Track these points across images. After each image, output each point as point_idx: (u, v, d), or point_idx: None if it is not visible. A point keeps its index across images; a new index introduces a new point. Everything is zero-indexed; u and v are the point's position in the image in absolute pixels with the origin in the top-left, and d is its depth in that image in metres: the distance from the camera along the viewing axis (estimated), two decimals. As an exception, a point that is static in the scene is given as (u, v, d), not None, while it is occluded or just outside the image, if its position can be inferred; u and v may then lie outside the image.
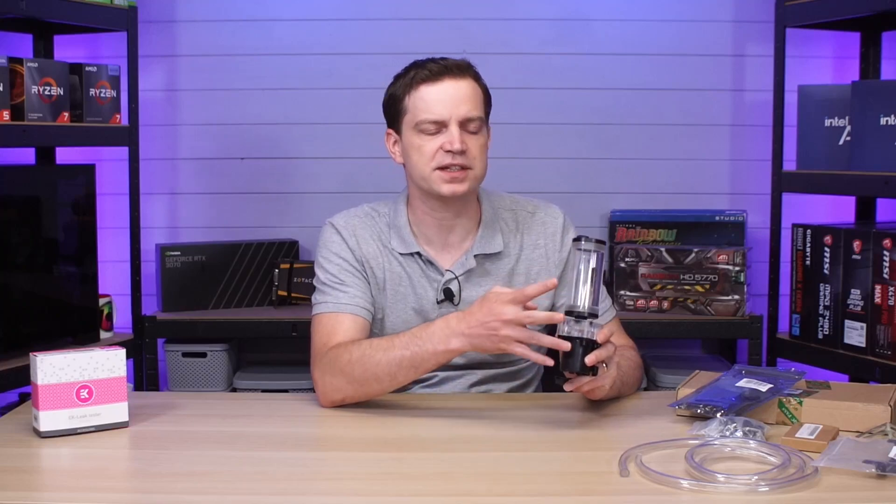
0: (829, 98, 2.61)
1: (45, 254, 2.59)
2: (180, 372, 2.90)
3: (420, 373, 1.69)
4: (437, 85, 1.76)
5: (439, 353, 1.64)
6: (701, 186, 3.08)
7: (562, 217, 1.92)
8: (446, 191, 1.77)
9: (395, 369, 1.67)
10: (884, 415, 1.54)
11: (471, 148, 1.76)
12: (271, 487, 1.35)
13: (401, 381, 1.69)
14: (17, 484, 1.36)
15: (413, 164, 1.80)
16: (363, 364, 1.68)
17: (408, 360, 1.66)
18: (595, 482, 1.38)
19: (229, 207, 3.11)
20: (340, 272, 1.83)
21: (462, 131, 1.76)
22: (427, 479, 1.39)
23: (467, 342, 1.61)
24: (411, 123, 1.79)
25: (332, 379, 1.71)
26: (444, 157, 1.76)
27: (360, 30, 3.04)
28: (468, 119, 1.76)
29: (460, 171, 1.76)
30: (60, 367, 1.53)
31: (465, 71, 1.79)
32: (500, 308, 1.56)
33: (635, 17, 3.04)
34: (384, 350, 1.68)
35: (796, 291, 2.67)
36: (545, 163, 3.06)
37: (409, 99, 1.79)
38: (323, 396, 1.73)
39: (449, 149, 1.75)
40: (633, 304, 2.83)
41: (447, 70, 1.77)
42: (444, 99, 1.76)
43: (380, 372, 1.67)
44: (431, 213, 1.84)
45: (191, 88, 3.07)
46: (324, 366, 1.73)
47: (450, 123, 1.75)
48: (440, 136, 1.76)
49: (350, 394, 1.71)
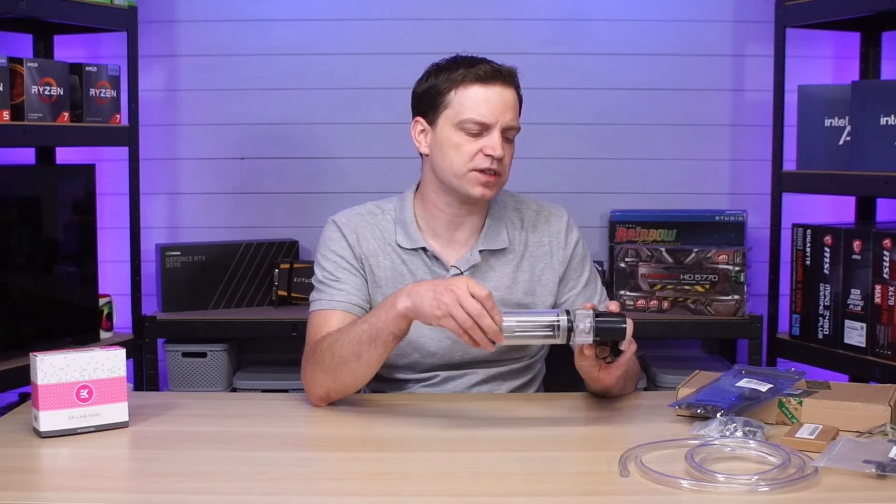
0: (829, 98, 2.61)
1: (45, 254, 2.59)
2: (180, 372, 2.90)
3: (381, 346, 1.65)
4: (488, 88, 1.76)
5: (390, 318, 1.62)
6: (701, 186, 3.08)
7: (566, 216, 1.93)
8: (478, 193, 1.77)
9: (356, 346, 1.66)
10: (884, 415, 1.54)
11: (505, 156, 1.78)
12: (271, 487, 1.35)
13: (367, 362, 1.66)
14: (17, 484, 1.36)
15: (447, 160, 1.79)
16: (332, 349, 1.69)
17: (366, 333, 1.65)
18: (595, 482, 1.38)
19: (229, 207, 3.11)
20: (337, 269, 1.83)
21: (502, 138, 1.77)
22: (427, 479, 1.39)
23: (410, 302, 1.59)
24: (453, 119, 1.77)
25: (311, 372, 1.72)
26: (483, 161, 1.76)
27: (360, 30, 3.04)
28: (510, 128, 1.78)
29: (494, 177, 1.77)
30: (60, 367, 1.53)
31: (513, 80, 1.80)
32: (461, 287, 1.54)
33: (635, 17, 3.04)
34: (347, 330, 1.69)
35: (796, 291, 2.67)
36: (545, 163, 3.06)
37: (455, 95, 1.77)
38: (308, 392, 1.74)
39: (490, 153, 1.75)
40: (633, 304, 2.83)
41: (499, 75, 1.78)
42: (492, 103, 1.76)
43: (346, 353, 1.67)
44: (445, 209, 1.84)
45: (191, 88, 3.07)
46: (306, 362, 1.74)
47: (494, 128, 1.76)
48: (482, 139, 1.76)
49: (329, 385, 1.70)
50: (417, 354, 1.83)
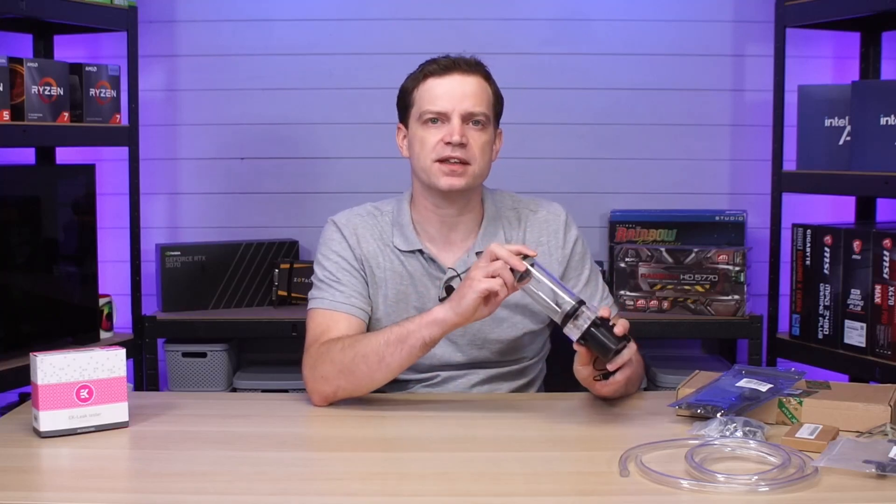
0: (829, 98, 2.60)
1: (45, 254, 2.59)
2: (180, 372, 2.90)
3: (408, 350, 1.66)
4: (444, 78, 1.78)
5: (424, 322, 1.65)
6: (701, 186, 3.08)
7: (564, 214, 1.93)
8: (444, 184, 1.78)
9: (382, 348, 1.67)
10: (884, 415, 1.54)
11: (472, 143, 1.77)
12: (271, 487, 1.35)
13: (388, 364, 1.67)
14: (17, 484, 1.36)
15: (416, 157, 1.81)
16: (353, 348, 1.69)
17: (395, 334, 1.67)
18: (595, 482, 1.38)
19: (229, 207, 3.11)
20: (338, 270, 1.84)
21: (466, 126, 1.77)
22: (427, 479, 1.39)
23: (449, 307, 1.63)
24: (417, 115, 1.80)
25: (321, 369, 1.71)
26: (444, 150, 1.76)
27: (360, 30, 3.04)
28: (471, 114, 1.77)
29: (459, 165, 1.77)
30: (60, 367, 1.53)
31: (475, 68, 1.81)
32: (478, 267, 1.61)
33: (635, 17, 3.04)
34: (373, 335, 1.71)
35: (796, 291, 2.67)
36: (545, 163, 3.06)
37: (417, 91, 1.80)
38: (313, 391, 1.73)
39: (448, 140, 1.76)
40: (633, 304, 2.83)
41: (455, 65, 1.79)
42: (449, 92, 1.77)
43: (368, 352, 1.67)
44: (434, 210, 1.85)
45: (191, 88, 3.07)
46: (313, 359, 1.73)
47: (452, 116, 1.76)
48: (443, 129, 1.77)
49: (340, 384, 1.70)
50: (417, 354, 1.83)
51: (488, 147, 1.81)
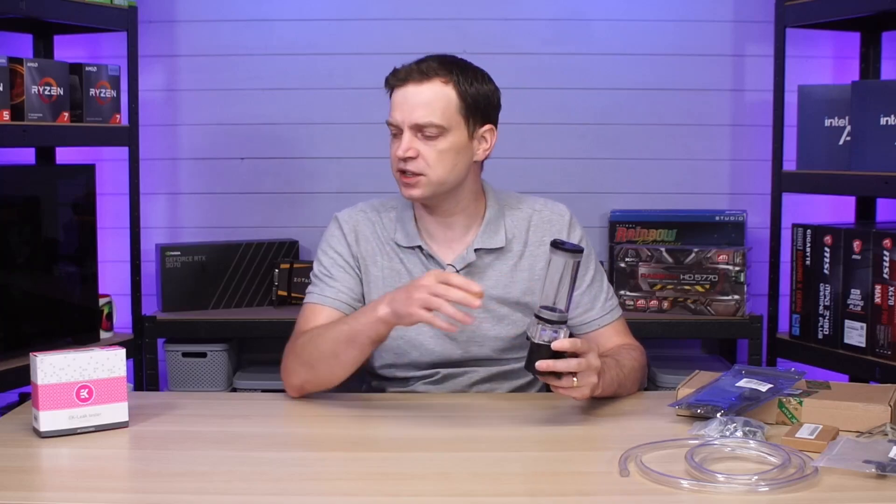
0: (829, 98, 2.61)
1: (45, 254, 2.59)
2: (180, 372, 2.90)
3: (358, 348, 1.68)
4: (400, 90, 1.77)
5: (369, 322, 1.66)
6: (701, 186, 3.08)
7: (568, 215, 1.92)
8: (405, 194, 1.80)
9: (334, 345, 1.69)
10: (884, 415, 1.54)
11: (424, 154, 1.76)
12: (271, 487, 1.35)
13: (344, 361, 1.70)
14: (17, 484, 1.36)
15: None
16: (313, 343, 1.73)
17: (345, 333, 1.69)
18: (595, 482, 1.38)
19: (229, 207, 3.11)
20: (332, 266, 1.86)
21: (417, 137, 1.76)
22: (427, 479, 1.39)
23: (390, 308, 1.63)
24: None
25: (290, 362, 1.77)
26: (399, 163, 1.78)
27: (360, 30, 3.04)
28: (418, 125, 1.75)
29: (412, 177, 1.77)
30: (60, 367, 1.53)
31: (432, 74, 1.76)
32: (423, 279, 1.60)
33: (635, 17, 3.04)
34: (329, 328, 1.73)
35: (796, 291, 2.67)
36: (545, 163, 3.06)
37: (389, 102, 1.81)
38: (285, 383, 1.78)
39: (397, 155, 1.77)
40: (633, 304, 2.83)
41: (409, 74, 1.76)
42: (401, 103, 1.77)
43: (325, 349, 1.71)
44: (427, 210, 1.86)
45: (191, 88, 3.07)
46: (287, 351, 1.79)
47: (403, 128, 1.76)
48: (398, 141, 1.78)
49: (305, 377, 1.74)
50: (416, 353, 1.84)
51: (449, 154, 1.77)
